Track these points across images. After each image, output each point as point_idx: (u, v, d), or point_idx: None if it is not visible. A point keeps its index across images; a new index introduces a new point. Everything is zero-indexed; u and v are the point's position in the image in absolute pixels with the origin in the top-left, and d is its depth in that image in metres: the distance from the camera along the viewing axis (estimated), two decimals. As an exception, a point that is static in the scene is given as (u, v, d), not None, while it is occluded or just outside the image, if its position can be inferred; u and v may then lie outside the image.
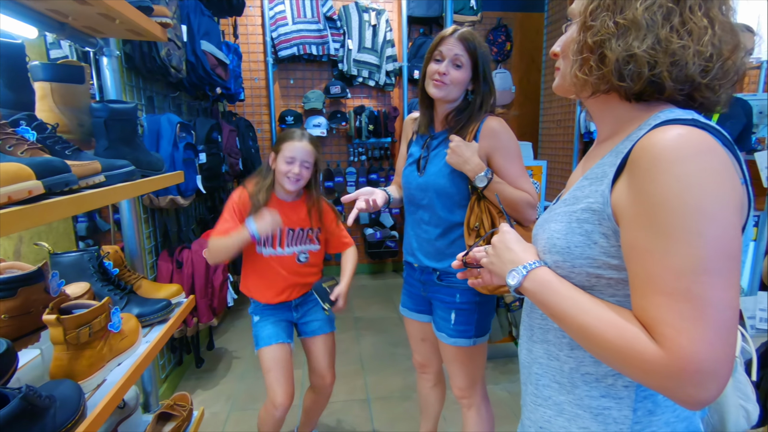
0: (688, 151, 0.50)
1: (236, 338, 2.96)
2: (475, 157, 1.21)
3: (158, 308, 1.20)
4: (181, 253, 2.20)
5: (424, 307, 1.47)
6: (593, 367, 0.62)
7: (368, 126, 3.87)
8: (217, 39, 2.57)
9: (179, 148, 2.04)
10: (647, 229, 0.51)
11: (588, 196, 0.60)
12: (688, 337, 0.47)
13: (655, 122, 0.55)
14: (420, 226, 1.37)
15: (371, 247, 4.12)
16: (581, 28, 0.60)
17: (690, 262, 0.48)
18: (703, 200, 0.49)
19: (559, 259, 0.61)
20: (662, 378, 0.49)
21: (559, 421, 0.65)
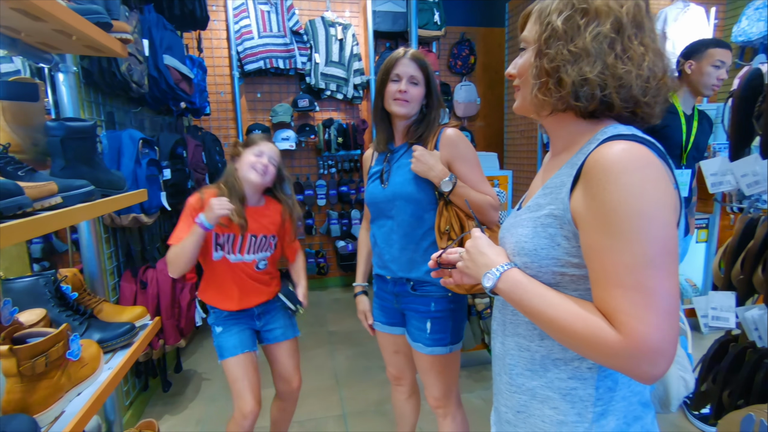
0: (631, 164, 0.58)
1: (205, 359, 2.86)
2: (438, 164, 1.28)
3: (121, 332, 1.16)
4: (145, 273, 2.12)
5: (397, 319, 1.48)
6: (561, 353, 0.70)
7: (337, 138, 3.88)
8: (180, 53, 2.53)
9: (142, 164, 1.98)
10: (602, 231, 0.59)
11: (549, 204, 0.67)
12: (640, 323, 0.56)
13: (602, 137, 0.63)
14: (391, 237, 1.39)
15: (343, 259, 4.10)
16: (537, 55, 0.67)
17: (638, 259, 0.57)
18: (645, 205, 0.57)
19: (528, 260, 0.68)
20: (622, 359, 0.57)
21: (533, 404, 0.72)
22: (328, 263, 4.24)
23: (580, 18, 0.64)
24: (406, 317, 1.43)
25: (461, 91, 4.43)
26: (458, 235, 1.27)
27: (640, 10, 0.65)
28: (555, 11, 0.66)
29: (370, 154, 1.53)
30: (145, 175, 1.98)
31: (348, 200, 4.13)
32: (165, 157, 2.37)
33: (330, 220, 4.12)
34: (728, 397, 1.25)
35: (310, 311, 3.68)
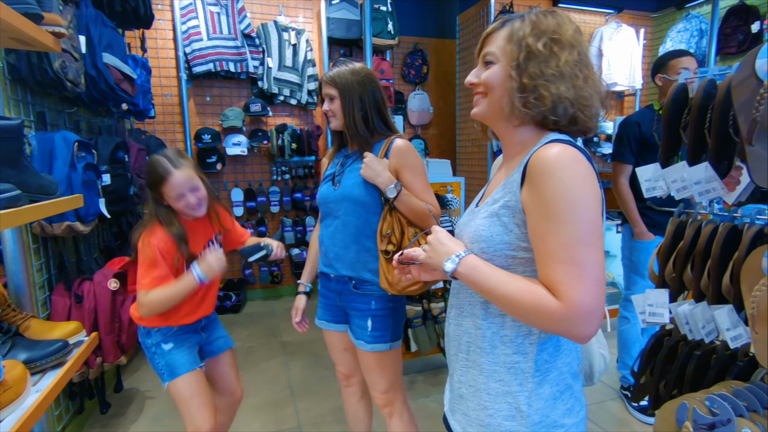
0: (565, 161, 0.70)
1: (149, 376, 2.69)
2: (386, 172, 1.34)
3: (51, 351, 1.06)
4: (80, 285, 1.96)
5: (341, 317, 1.52)
6: (509, 330, 0.80)
7: (291, 144, 3.81)
8: (121, 52, 2.39)
9: (77, 168, 1.84)
10: (544, 217, 0.70)
11: (504, 197, 0.78)
12: (576, 290, 0.67)
13: (544, 142, 0.76)
14: (335, 236, 1.43)
15: (298, 267, 4.02)
16: (515, 70, 0.77)
17: (573, 238, 0.68)
18: (578, 194, 0.69)
19: (485, 246, 0.78)
20: (563, 322, 0.68)
21: (481, 378, 0.83)
22: (281, 271, 4.14)
23: (554, 45, 0.75)
24: (349, 315, 1.48)
25: (415, 99, 4.51)
26: (398, 239, 1.34)
27: (587, 47, 0.79)
28: (531, 36, 0.76)
29: (327, 159, 1.58)
30: (81, 180, 1.84)
31: (302, 207, 4.06)
32: (104, 162, 2.22)
33: (284, 228, 4.03)
34: (664, 387, 1.34)
35: (263, 322, 3.57)
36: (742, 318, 1.12)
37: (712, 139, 1.12)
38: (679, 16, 4.01)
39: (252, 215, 4.02)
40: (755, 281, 0.99)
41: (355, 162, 1.43)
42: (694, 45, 3.75)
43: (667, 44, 3.96)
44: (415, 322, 2.52)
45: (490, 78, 0.80)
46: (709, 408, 1.01)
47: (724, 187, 1.14)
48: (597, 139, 4.15)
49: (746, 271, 1.03)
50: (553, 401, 0.79)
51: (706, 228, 1.19)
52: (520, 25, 0.78)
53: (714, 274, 1.15)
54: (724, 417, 0.98)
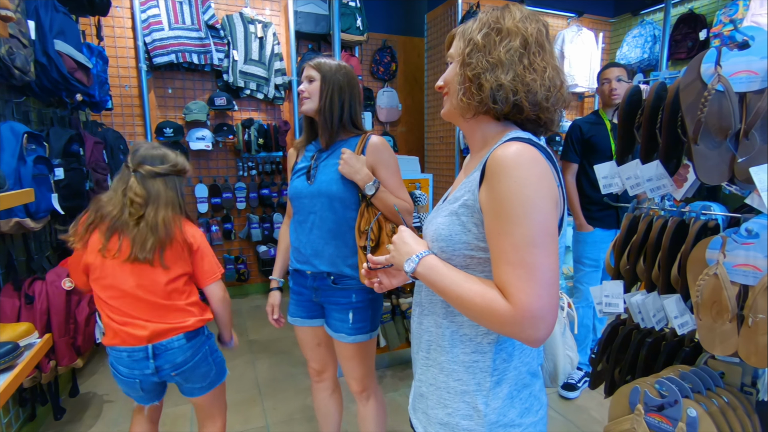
0: (521, 161, 0.68)
1: (107, 379, 2.58)
2: (364, 168, 1.36)
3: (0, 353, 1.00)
4: (31, 285, 1.86)
5: (316, 312, 1.52)
6: (468, 329, 0.80)
7: (258, 140, 3.74)
8: (75, 39, 2.26)
9: (27, 162, 1.73)
10: (497, 217, 0.69)
11: (463, 196, 0.77)
12: (525, 293, 0.65)
13: (504, 140, 0.75)
14: (313, 232, 1.43)
15: (265, 265, 3.96)
16: (461, 65, 0.78)
17: (523, 239, 0.66)
18: (531, 195, 0.67)
19: (444, 245, 0.77)
20: (511, 325, 0.66)
21: (441, 377, 0.82)
22: (248, 269, 4.06)
23: (495, 35, 0.76)
24: (326, 310, 1.49)
25: (383, 96, 4.52)
26: (376, 235, 1.36)
27: (541, 33, 0.77)
28: (476, 30, 0.77)
29: (294, 152, 1.56)
30: (31, 174, 1.74)
31: (270, 203, 3.99)
32: (57, 155, 2.10)
33: (251, 225, 3.96)
34: (619, 374, 1.41)
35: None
36: (688, 306, 1.20)
37: (662, 138, 1.19)
38: (635, 22, 4.20)
39: (217, 212, 3.92)
40: (699, 271, 1.07)
41: (330, 157, 1.42)
42: (648, 50, 3.95)
43: (623, 48, 4.15)
44: (384, 317, 2.54)
45: (447, 77, 0.83)
46: (658, 391, 1.08)
47: (673, 184, 1.21)
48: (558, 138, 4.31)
49: (692, 263, 1.10)
50: (510, 400, 0.79)
51: (657, 222, 1.26)
52: (471, 22, 0.80)
53: (663, 266, 1.22)
54: (672, 399, 1.04)
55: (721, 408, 1.03)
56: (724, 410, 1.03)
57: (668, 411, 1.05)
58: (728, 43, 1.04)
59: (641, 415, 1.08)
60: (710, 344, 1.06)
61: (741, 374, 1.13)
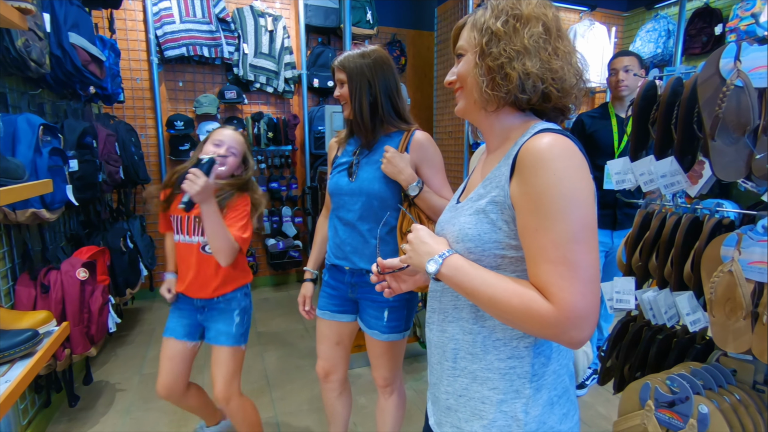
0: (558, 152, 0.65)
1: (119, 368, 2.62)
2: (408, 168, 1.32)
3: (20, 340, 1.02)
4: (47, 275, 1.89)
5: (348, 307, 1.50)
6: (501, 333, 0.74)
7: (267, 133, 3.75)
8: (89, 32, 2.28)
9: (43, 153, 1.76)
10: (534, 212, 0.65)
11: (490, 192, 0.73)
12: (568, 292, 0.62)
13: (533, 131, 0.71)
14: (354, 229, 1.41)
15: (273, 258, 3.99)
16: (480, 56, 0.73)
17: (564, 235, 0.63)
18: (571, 188, 0.63)
19: (472, 245, 0.72)
20: (553, 327, 0.62)
21: (474, 386, 0.76)
22: (257, 262, 4.09)
23: (515, 22, 0.72)
24: (361, 306, 1.48)
25: (393, 90, 4.50)
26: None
27: (557, 19, 0.75)
28: (491, 18, 0.73)
29: (335, 145, 1.51)
30: (46, 165, 1.76)
31: (279, 197, 4.01)
32: (71, 147, 2.13)
33: (259, 218, 3.98)
34: (629, 370, 1.41)
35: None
36: (700, 304, 1.20)
37: (677, 134, 1.18)
38: (649, 17, 4.15)
39: (226, 205, 3.95)
40: (713, 269, 1.06)
41: (372, 153, 1.39)
42: (662, 45, 3.90)
43: (636, 43, 4.10)
44: (392, 311, 2.55)
45: (461, 70, 0.78)
46: (669, 387, 1.08)
47: (687, 181, 1.20)
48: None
49: (706, 260, 1.10)
50: (550, 407, 0.74)
51: (670, 219, 1.25)
52: (482, 12, 0.75)
53: (677, 263, 1.21)
54: (683, 395, 1.04)
55: (732, 405, 1.03)
56: (735, 407, 1.03)
57: (679, 407, 1.05)
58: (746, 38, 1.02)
59: (651, 410, 1.08)
60: (723, 341, 1.06)
61: (753, 372, 1.13)
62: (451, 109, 4.07)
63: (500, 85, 0.72)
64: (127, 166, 2.92)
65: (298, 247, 4.01)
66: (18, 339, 1.02)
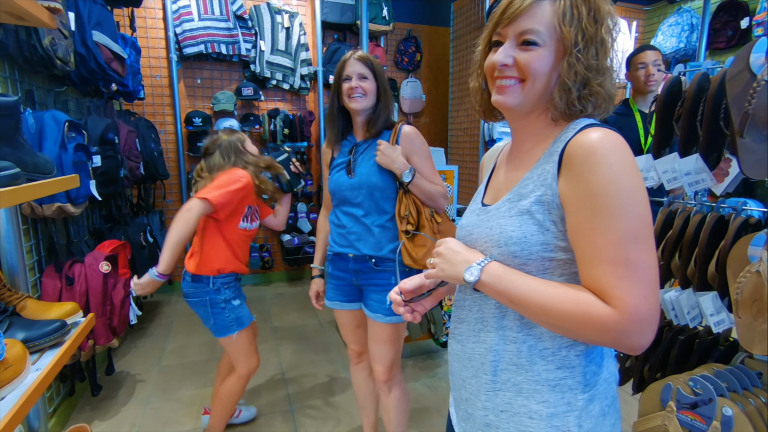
0: (612, 147, 0.61)
1: (140, 360, 2.69)
2: (400, 157, 1.43)
3: (50, 330, 1.05)
4: (71, 268, 1.94)
5: (354, 296, 1.59)
6: (549, 342, 0.69)
7: (283, 130, 3.78)
8: (111, 30, 2.33)
9: (68, 149, 1.80)
10: (589, 210, 0.61)
11: (534, 191, 0.68)
12: (630, 295, 0.58)
13: (577, 127, 0.66)
14: (357, 220, 1.50)
15: (289, 253, 4.02)
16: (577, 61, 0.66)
17: (625, 234, 0.59)
18: (629, 183, 0.60)
19: (517, 249, 0.67)
20: (615, 332, 0.58)
21: (519, 400, 0.70)
22: (272, 257, 4.13)
23: (605, 33, 0.67)
24: (365, 291, 1.55)
25: (407, 87, 4.49)
26: (416, 219, 1.44)
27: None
28: (588, 17, 0.66)
29: (329, 150, 1.62)
30: (71, 161, 1.81)
31: (294, 193, 4.04)
32: (94, 143, 2.18)
33: (275, 214, 4.02)
34: (648, 371, 1.39)
35: (254, 307, 3.57)
36: (725, 304, 1.17)
37: (703, 131, 1.15)
38: (671, 10, 4.05)
39: (243, 200, 3.99)
40: (740, 268, 1.04)
41: (366, 150, 1.50)
42: (684, 39, 3.80)
43: (658, 38, 4.00)
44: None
45: (534, 64, 0.67)
46: (692, 388, 1.06)
47: (713, 179, 1.18)
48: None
49: (732, 259, 1.07)
50: (602, 418, 0.69)
51: (695, 218, 1.23)
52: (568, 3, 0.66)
53: (700, 262, 1.19)
54: (706, 396, 1.03)
55: (758, 408, 1.01)
56: (761, 410, 1.01)
57: (702, 409, 1.03)
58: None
59: (673, 412, 1.06)
60: (749, 343, 1.04)
61: (780, 375, 1.10)
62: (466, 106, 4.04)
63: (588, 101, 0.68)
64: (147, 162, 2.98)
65: (313, 242, 4.03)
66: (48, 329, 1.05)
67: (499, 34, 0.70)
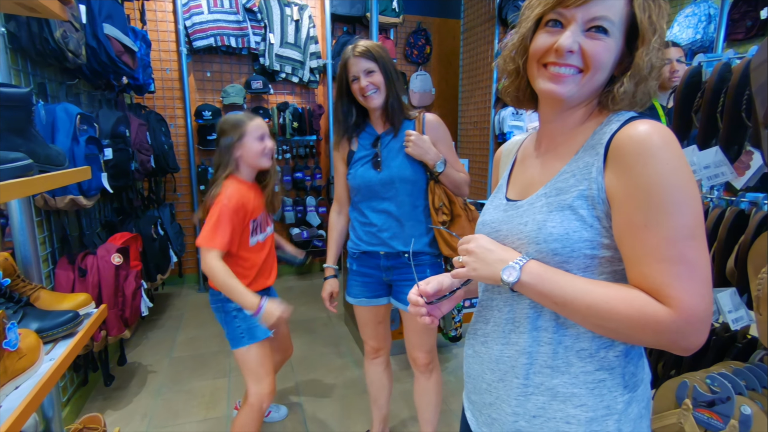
0: (665, 140, 0.58)
1: (151, 351, 2.72)
2: (432, 147, 1.40)
3: (63, 321, 1.06)
4: (84, 259, 1.96)
5: (381, 291, 1.57)
6: (587, 343, 0.66)
7: (292, 123, 3.77)
8: (122, 23, 2.33)
9: (80, 142, 1.81)
10: (642, 206, 0.58)
11: (577, 186, 0.65)
12: (689, 294, 0.56)
13: (620, 119, 0.64)
14: (390, 216, 1.46)
15: (298, 247, 4.01)
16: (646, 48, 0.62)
17: (681, 231, 0.57)
18: (684, 179, 0.57)
19: (558, 246, 0.64)
20: (672, 333, 0.56)
21: (554, 404, 0.66)
22: (281, 251, 4.14)
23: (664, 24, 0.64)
24: (397, 287, 1.53)
25: (417, 80, 4.45)
26: (449, 209, 1.43)
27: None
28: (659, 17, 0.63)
29: (345, 144, 1.52)
30: (83, 153, 1.82)
31: (303, 187, 4.05)
32: (105, 136, 2.19)
33: (284, 207, 4.03)
34: (662, 368, 1.37)
35: (263, 300, 3.59)
36: (743, 301, 1.14)
37: (724, 122, 1.12)
38: (688, 1, 3.95)
39: (252, 194, 4.00)
40: (762, 264, 1.01)
41: (392, 142, 1.45)
42: (701, 30, 3.71)
43: (674, 29, 3.91)
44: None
45: (602, 55, 0.63)
46: (709, 386, 1.04)
47: (733, 172, 1.14)
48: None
49: (753, 255, 1.04)
50: (639, 420, 0.67)
51: (713, 212, 1.20)
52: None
53: (719, 258, 1.16)
54: (724, 395, 1.00)
55: (777, 407, 0.98)
56: (781, 409, 0.98)
57: (719, 407, 1.01)
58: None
59: (689, 410, 1.04)
60: (769, 341, 1.01)
61: (800, 373, 1.07)
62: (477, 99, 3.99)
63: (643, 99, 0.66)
64: (157, 155, 2.99)
65: (322, 236, 4.04)
66: (61, 319, 1.06)
67: (561, 15, 0.63)
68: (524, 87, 0.74)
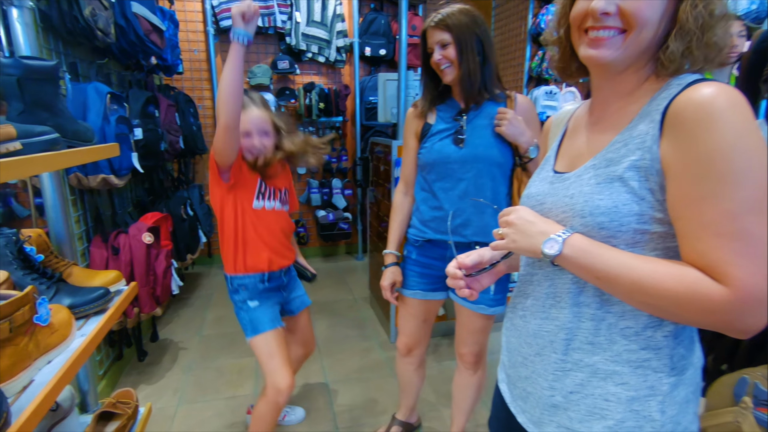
0: (732, 103, 0.53)
1: (182, 328, 2.78)
2: (528, 129, 1.28)
3: (94, 297, 1.07)
4: (116, 238, 2.00)
5: (441, 284, 1.45)
6: (631, 320, 0.63)
7: (319, 104, 3.72)
8: (150, 2, 2.32)
9: (111, 121, 1.82)
10: (700, 177, 0.53)
11: (629, 155, 0.60)
12: (747, 272, 0.51)
13: (682, 82, 0.59)
14: (463, 200, 1.32)
15: (324, 229, 4.03)
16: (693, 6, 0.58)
17: (743, 204, 0.52)
18: (750, 146, 0.52)
19: (605, 219, 0.60)
20: (727, 314, 0.52)
21: (593, 381, 0.65)
22: (308, 233, 4.16)
23: None
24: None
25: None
26: None
27: None
28: None
29: (421, 114, 1.41)
30: (114, 133, 1.83)
31: (329, 168, 4.02)
32: (135, 116, 2.20)
33: (310, 189, 4.02)
34: (713, 362, 1.28)
35: (290, 281, 3.62)
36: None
37: (799, 93, 1.00)
38: (744, -33, 3.63)
39: (279, 176, 4.01)
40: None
41: (478, 118, 1.32)
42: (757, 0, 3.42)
43: None
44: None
45: (644, 11, 0.58)
46: (771, 384, 0.95)
47: (807, 149, 1.03)
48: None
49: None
50: (686, 405, 0.64)
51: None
52: None
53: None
54: (789, 394, 0.92)
55: None
56: None
57: (783, 407, 0.92)
58: None
59: (749, 408, 0.96)
60: (844, 336, 0.91)
61: None
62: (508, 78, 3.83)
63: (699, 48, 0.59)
64: (186, 136, 3.01)
65: (348, 219, 4.02)
66: (91, 296, 1.07)
67: None
68: (568, 56, 0.71)
